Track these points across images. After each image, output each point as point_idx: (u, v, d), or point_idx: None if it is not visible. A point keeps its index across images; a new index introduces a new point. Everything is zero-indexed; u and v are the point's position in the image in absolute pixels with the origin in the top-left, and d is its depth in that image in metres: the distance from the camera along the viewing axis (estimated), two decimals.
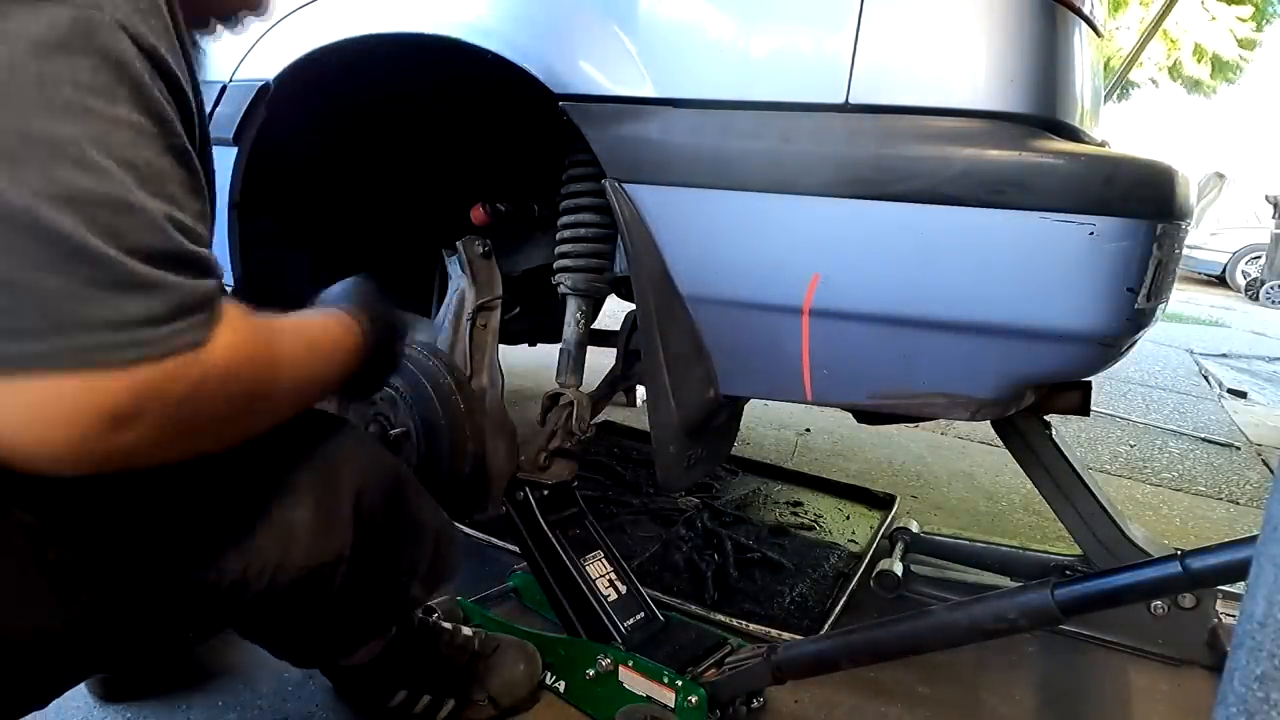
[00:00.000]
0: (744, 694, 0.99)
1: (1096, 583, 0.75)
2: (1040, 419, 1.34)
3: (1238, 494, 2.37)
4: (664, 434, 1.08)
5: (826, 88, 0.92)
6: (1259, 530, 0.45)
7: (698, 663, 1.06)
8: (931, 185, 0.87)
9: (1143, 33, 2.22)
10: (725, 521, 1.71)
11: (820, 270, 0.93)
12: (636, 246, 1.01)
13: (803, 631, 1.31)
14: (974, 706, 1.21)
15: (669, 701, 1.01)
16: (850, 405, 1.09)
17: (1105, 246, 0.83)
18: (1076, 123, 0.96)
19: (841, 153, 0.91)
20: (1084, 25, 0.97)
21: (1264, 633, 0.42)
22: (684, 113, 0.98)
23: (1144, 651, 1.35)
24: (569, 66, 1.03)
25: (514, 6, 1.09)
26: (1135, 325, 0.87)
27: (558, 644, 1.11)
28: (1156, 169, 0.86)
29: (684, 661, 1.06)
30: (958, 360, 0.92)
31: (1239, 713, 0.43)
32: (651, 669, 1.02)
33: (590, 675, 1.06)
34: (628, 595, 1.15)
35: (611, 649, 1.06)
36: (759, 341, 1.01)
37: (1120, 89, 2.42)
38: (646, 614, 1.15)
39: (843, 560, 1.60)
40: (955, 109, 0.89)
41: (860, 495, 1.93)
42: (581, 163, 1.17)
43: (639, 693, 1.04)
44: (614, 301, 1.44)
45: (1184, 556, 0.70)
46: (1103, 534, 1.34)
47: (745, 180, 0.95)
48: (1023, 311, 0.87)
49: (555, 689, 1.12)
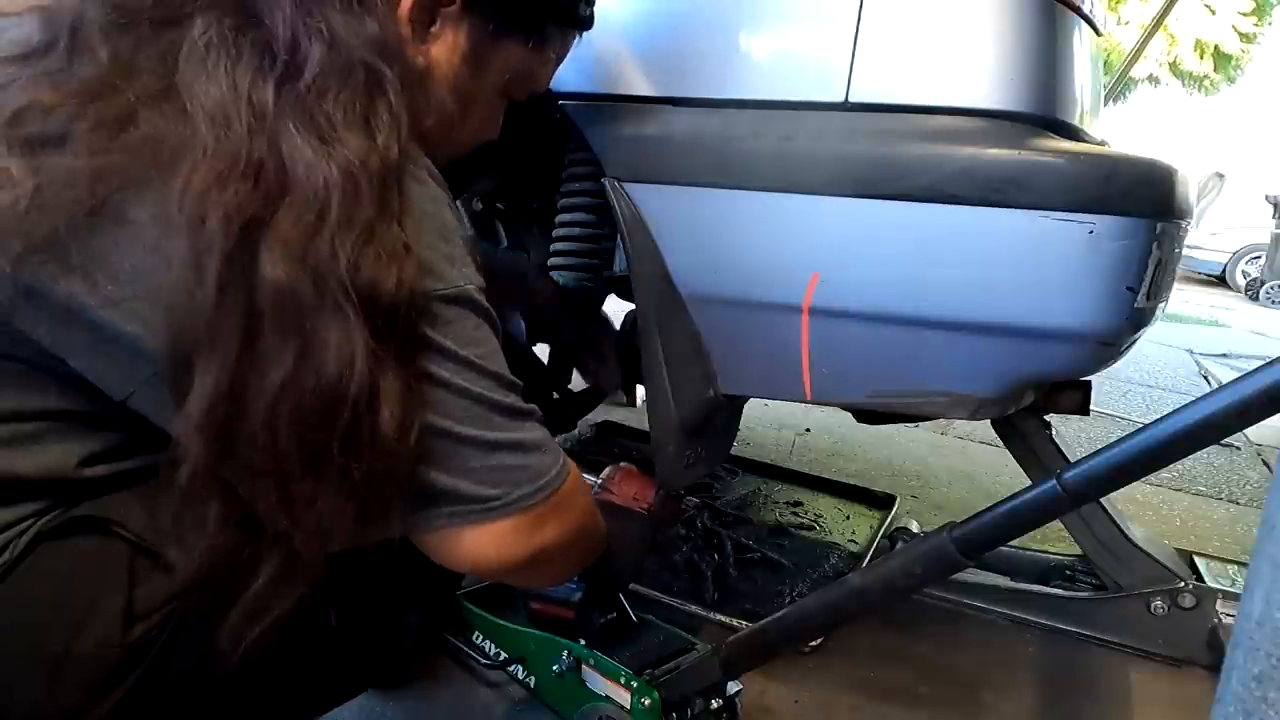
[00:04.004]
0: (697, 692, 0.99)
1: (985, 517, 0.76)
2: (1040, 419, 1.34)
3: (1238, 494, 2.37)
4: (663, 433, 1.08)
5: (826, 86, 0.92)
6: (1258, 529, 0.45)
7: (659, 665, 1.06)
8: (931, 184, 0.87)
9: (1144, 31, 2.21)
10: (725, 521, 1.71)
11: (820, 269, 0.93)
12: (636, 246, 1.01)
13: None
14: (974, 706, 1.21)
15: (626, 703, 1.01)
16: (850, 404, 1.09)
17: (1105, 245, 0.83)
18: (1076, 122, 0.96)
19: (841, 151, 0.91)
20: (1084, 24, 0.97)
21: (1261, 632, 0.42)
22: (683, 111, 0.98)
23: (1144, 651, 1.35)
24: (568, 65, 1.03)
25: None
26: (1135, 324, 0.87)
27: (530, 639, 1.11)
28: (1156, 168, 0.86)
29: (645, 663, 1.05)
30: (957, 359, 0.92)
31: (1237, 712, 0.43)
32: (610, 668, 1.02)
33: (556, 671, 1.06)
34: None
35: (574, 646, 1.06)
36: (759, 340, 1.01)
37: (1119, 90, 2.42)
38: (619, 613, 1.15)
39: (843, 560, 1.60)
40: (955, 108, 0.89)
41: (860, 495, 1.93)
42: (580, 161, 1.17)
43: (600, 692, 1.04)
44: (614, 301, 1.44)
45: (1060, 474, 0.71)
46: (1103, 534, 1.34)
47: (745, 179, 0.95)
48: (1022, 310, 0.87)
49: (526, 684, 1.12)
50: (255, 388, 0.53)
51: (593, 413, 1.80)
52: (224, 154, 0.53)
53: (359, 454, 0.55)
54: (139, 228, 0.53)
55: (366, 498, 0.57)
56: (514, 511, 0.64)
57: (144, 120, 0.53)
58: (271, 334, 0.53)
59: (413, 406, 0.57)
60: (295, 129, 0.55)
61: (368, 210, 0.55)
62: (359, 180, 0.55)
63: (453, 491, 0.62)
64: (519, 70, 0.80)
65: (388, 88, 0.60)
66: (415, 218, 0.59)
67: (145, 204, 0.53)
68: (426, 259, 0.59)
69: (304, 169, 0.54)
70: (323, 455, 0.54)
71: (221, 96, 0.54)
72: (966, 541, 0.77)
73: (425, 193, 0.62)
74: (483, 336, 0.64)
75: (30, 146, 0.52)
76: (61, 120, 0.53)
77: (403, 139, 0.60)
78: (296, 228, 0.53)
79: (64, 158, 0.52)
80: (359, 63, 0.59)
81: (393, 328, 0.56)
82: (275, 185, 0.54)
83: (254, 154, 0.53)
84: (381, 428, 0.55)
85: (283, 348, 0.53)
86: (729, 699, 1.01)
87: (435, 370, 0.60)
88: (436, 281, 0.60)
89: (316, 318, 0.53)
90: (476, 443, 0.62)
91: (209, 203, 0.51)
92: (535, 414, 0.68)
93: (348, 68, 0.58)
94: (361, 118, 0.58)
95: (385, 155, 0.58)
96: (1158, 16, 2.16)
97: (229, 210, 0.51)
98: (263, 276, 0.52)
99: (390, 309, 0.55)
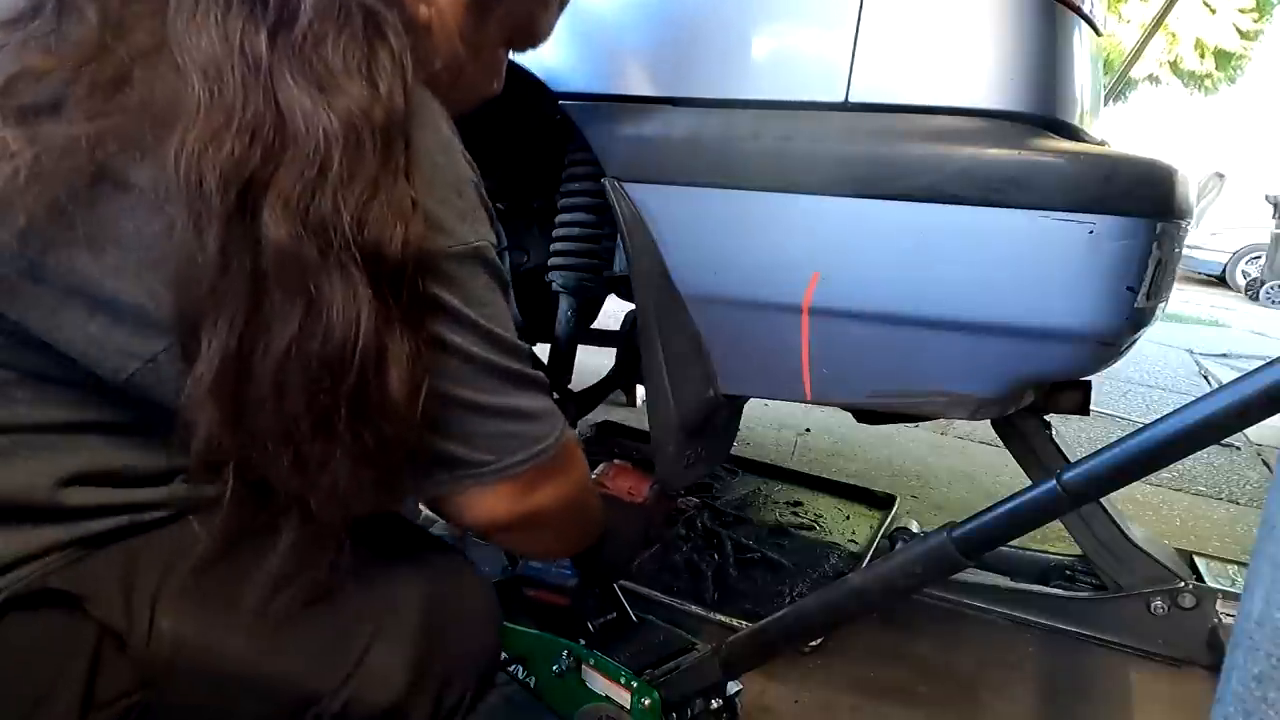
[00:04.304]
0: (697, 692, 0.99)
1: (985, 517, 0.76)
2: (1040, 419, 1.34)
3: (1238, 494, 2.36)
4: (663, 433, 1.08)
5: (826, 86, 0.92)
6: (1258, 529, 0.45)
7: (659, 664, 1.06)
8: (931, 184, 0.87)
9: (1144, 31, 2.21)
10: (725, 521, 1.71)
11: (820, 269, 0.93)
12: (636, 245, 1.01)
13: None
14: (974, 706, 1.21)
15: (626, 703, 1.01)
16: (850, 404, 1.09)
17: (1105, 245, 0.83)
18: (1076, 121, 0.96)
19: (841, 151, 0.91)
20: (1084, 23, 0.97)
21: (1261, 632, 0.42)
22: (683, 111, 0.98)
23: (1144, 651, 1.35)
24: (568, 65, 1.03)
25: None
26: (1135, 324, 0.87)
27: (530, 639, 1.11)
28: (1156, 168, 0.86)
29: (645, 663, 1.05)
30: (957, 359, 0.92)
31: (1237, 712, 0.43)
32: (610, 668, 1.02)
33: (556, 671, 1.06)
34: (602, 593, 1.15)
35: (574, 646, 1.06)
36: (759, 340, 1.01)
37: (1119, 90, 2.41)
38: (619, 613, 1.14)
39: (843, 560, 1.60)
40: (955, 107, 0.89)
41: (860, 495, 1.93)
42: (580, 161, 1.17)
43: (600, 692, 1.03)
44: (614, 301, 1.44)
45: (1060, 474, 0.71)
46: (1103, 534, 1.34)
47: (745, 179, 0.95)
48: (1022, 310, 0.87)
49: (526, 683, 1.12)
50: (263, 349, 0.52)
51: (593, 413, 1.80)
52: (218, 111, 0.50)
53: (368, 416, 0.54)
54: (140, 193, 0.51)
55: (378, 461, 0.56)
56: (506, 477, 0.65)
57: (139, 80, 0.51)
58: (277, 294, 0.51)
59: (420, 369, 0.56)
60: (292, 79, 0.52)
61: (371, 164, 0.53)
62: (361, 132, 0.53)
63: (450, 456, 0.62)
64: (522, 17, 0.77)
65: (388, 31, 0.57)
66: (425, 171, 0.57)
67: (145, 167, 0.51)
68: (437, 215, 0.57)
69: (303, 121, 0.52)
70: (332, 417, 0.53)
71: (213, 50, 0.51)
72: (966, 541, 0.77)
73: (437, 141, 0.59)
74: (491, 296, 0.62)
75: (25, 115, 0.50)
76: (55, 86, 0.51)
77: (408, 86, 0.57)
78: (298, 184, 0.51)
79: (60, 125, 0.50)
80: (357, 6, 0.56)
81: (399, 287, 0.54)
82: (274, 140, 0.51)
83: (249, 109, 0.51)
84: (390, 391, 0.54)
85: (289, 308, 0.51)
86: (729, 699, 1.01)
87: (442, 332, 0.58)
88: (448, 239, 0.58)
89: (320, 277, 0.51)
90: (477, 408, 0.62)
91: (205, 163, 0.49)
92: (538, 380, 0.67)
93: (345, 11, 0.55)
94: (363, 64, 0.55)
95: (389, 105, 0.55)
96: (1158, 16, 2.15)
97: (226, 170, 0.50)
98: (265, 236, 0.50)
99: (397, 268, 0.54)
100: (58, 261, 0.52)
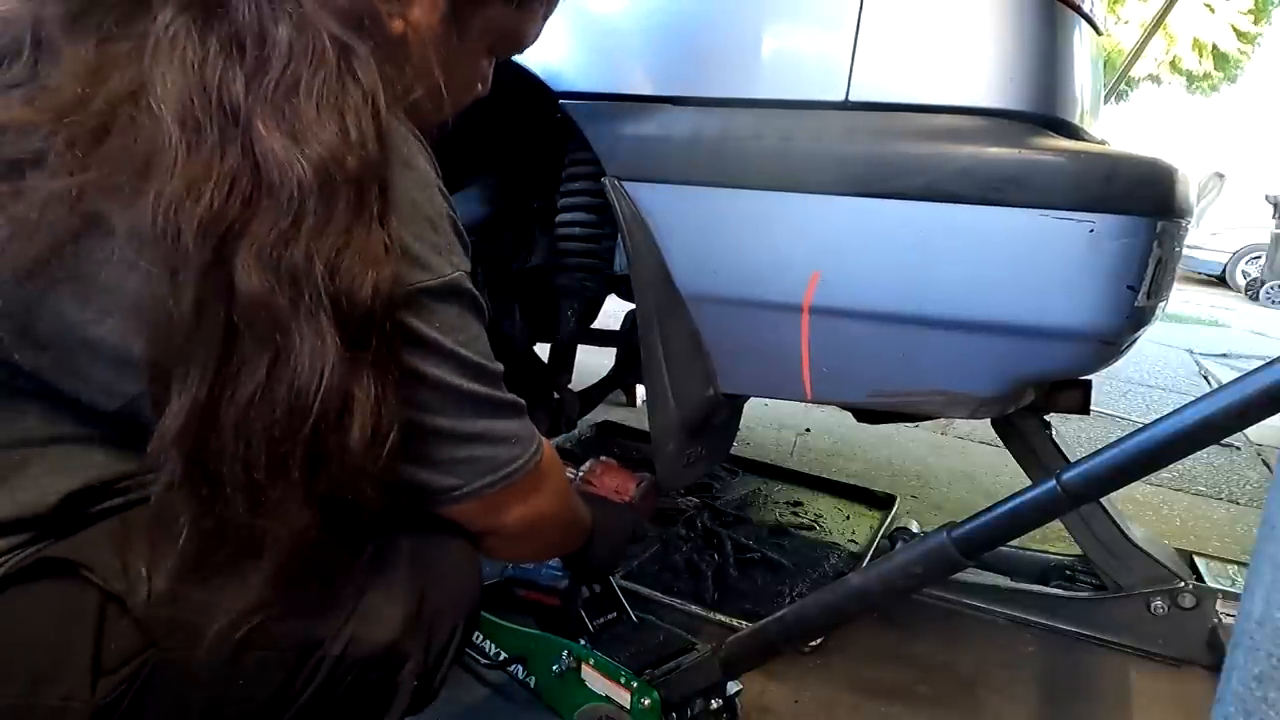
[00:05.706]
0: (697, 692, 0.99)
1: (985, 517, 0.77)
2: (1040, 419, 1.34)
3: (1238, 494, 2.36)
4: (663, 433, 1.08)
5: (826, 85, 0.92)
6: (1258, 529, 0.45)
7: (659, 664, 1.06)
8: (931, 183, 0.87)
9: (1144, 31, 2.21)
10: (725, 521, 1.71)
11: (820, 268, 0.93)
12: (636, 245, 1.01)
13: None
14: (974, 706, 1.21)
15: (626, 703, 1.01)
16: (850, 403, 1.09)
17: (1105, 244, 0.83)
18: (1077, 121, 0.96)
19: (841, 150, 0.91)
20: (1084, 23, 0.97)
21: (1262, 632, 0.42)
22: (684, 111, 0.98)
23: (1144, 651, 1.35)
24: (569, 64, 1.03)
25: None
26: (1135, 323, 0.87)
27: (530, 639, 1.11)
28: (1157, 167, 0.86)
29: (645, 663, 1.05)
30: (958, 358, 0.92)
31: (1237, 712, 0.43)
32: (610, 668, 1.02)
33: (556, 671, 1.06)
34: (602, 593, 1.15)
35: (574, 646, 1.06)
36: (759, 339, 1.01)
37: (1119, 90, 2.42)
38: (619, 613, 1.14)
39: (843, 560, 1.59)
40: (955, 106, 0.89)
41: (860, 495, 1.93)
42: (581, 161, 1.17)
43: (600, 692, 1.03)
44: (614, 301, 1.44)
45: (1060, 474, 0.71)
46: (1103, 534, 1.34)
47: (745, 178, 0.95)
48: (1022, 309, 0.87)
49: (526, 684, 1.12)
50: (229, 398, 0.52)
51: (593, 413, 1.80)
52: (196, 163, 0.51)
53: (327, 466, 0.55)
54: (119, 244, 0.52)
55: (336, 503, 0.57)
56: (474, 498, 0.67)
57: (117, 129, 0.52)
58: (247, 344, 0.52)
59: (387, 417, 0.57)
60: (266, 128, 0.53)
61: (344, 213, 0.54)
62: (335, 181, 0.54)
63: (417, 482, 0.64)
64: (503, 28, 0.77)
65: (359, 70, 0.57)
66: (403, 210, 0.58)
67: (124, 217, 0.52)
68: (414, 251, 0.58)
69: (278, 172, 0.52)
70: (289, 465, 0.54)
71: (190, 98, 0.52)
72: (966, 541, 0.77)
73: (414, 180, 0.61)
74: (466, 323, 0.64)
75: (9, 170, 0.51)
76: (36, 140, 0.51)
77: (382, 126, 0.58)
78: (272, 233, 0.52)
79: (43, 179, 0.51)
80: (330, 42, 0.56)
81: (368, 333, 0.55)
82: (250, 191, 0.52)
83: (227, 160, 0.52)
84: (351, 443, 0.55)
85: (257, 357, 0.52)
86: (729, 699, 1.01)
87: (416, 363, 0.59)
88: (424, 273, 0.59)
89: (290, 325, 0.52)
90: (447, 434, 0.63)
91: (183, 216, 0.50)
92: (511, 404, 0.68)
93: (319, 50, 0.56)
94: (336, 110, 0.55)
95: (362, 152, 0.56)
96: (1158, 16, 2.15)
97: (204, 221, 0.50)
98: (238, 286, 0.51)
99: (367, 314, 0.54)
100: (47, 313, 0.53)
